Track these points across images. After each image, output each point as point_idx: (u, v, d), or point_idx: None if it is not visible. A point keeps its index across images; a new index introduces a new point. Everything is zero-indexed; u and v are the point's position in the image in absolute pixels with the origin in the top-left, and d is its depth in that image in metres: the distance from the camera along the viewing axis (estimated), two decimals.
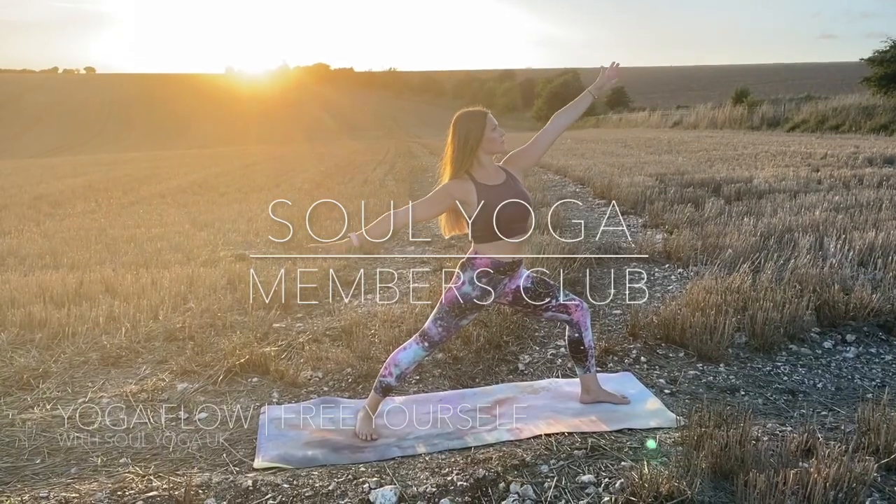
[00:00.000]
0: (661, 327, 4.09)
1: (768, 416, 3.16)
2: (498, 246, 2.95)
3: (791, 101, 30.33)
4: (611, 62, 3.13)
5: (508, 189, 2.93)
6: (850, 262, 5.16)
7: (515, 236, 2.95)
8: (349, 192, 11.46)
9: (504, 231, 2.91)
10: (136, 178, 15.63)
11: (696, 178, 10.41)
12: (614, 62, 3.12)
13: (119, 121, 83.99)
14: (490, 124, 2.89)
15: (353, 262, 6.29)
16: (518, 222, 2.94)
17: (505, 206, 2.88)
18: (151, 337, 4.35)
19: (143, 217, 9.17)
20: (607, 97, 62.89)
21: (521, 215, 2.94)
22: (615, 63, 3.13)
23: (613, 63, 3.13)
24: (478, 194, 2.88)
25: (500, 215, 2.88)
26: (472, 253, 3.03)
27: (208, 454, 2.95)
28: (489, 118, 2.91)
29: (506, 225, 2.90)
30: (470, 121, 2.89)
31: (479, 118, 2.89)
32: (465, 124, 2.89)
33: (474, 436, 3.02)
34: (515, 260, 3.02)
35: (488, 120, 2.90)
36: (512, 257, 2.99)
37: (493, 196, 2.88)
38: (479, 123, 2.88)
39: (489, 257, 2.98)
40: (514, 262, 3.02)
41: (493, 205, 2.87)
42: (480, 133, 2.87)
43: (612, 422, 3.09)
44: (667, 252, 6.05)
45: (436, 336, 3.07)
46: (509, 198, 2.90)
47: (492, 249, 2.97)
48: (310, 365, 3.82)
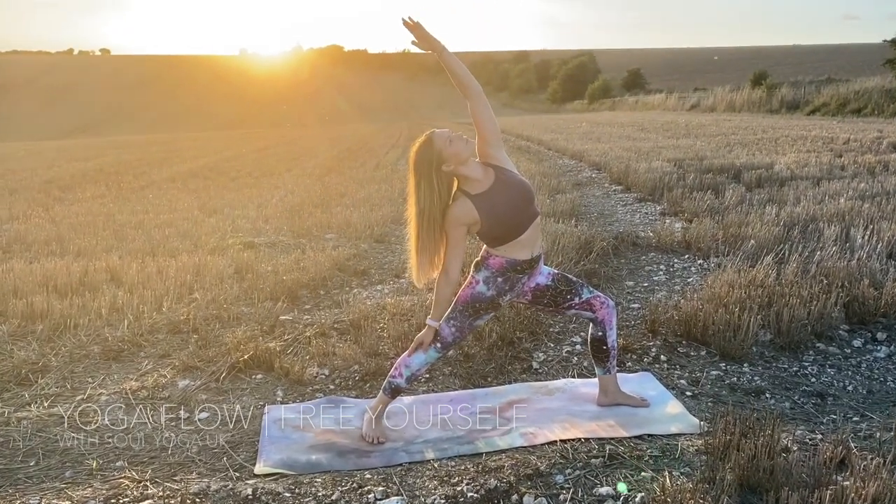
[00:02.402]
0: (681, 324, 3.92)
1: (797, 422, 3.00)
2: (513, 247, 2.79)
3: (811, 83, 29.74)
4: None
5: (502, 186, 2.75)
6: (879, 254, 4.96)
7: (525, 230, 2.79)
8: (361, 177, 11.31)
9: (513, 230, 2.76)
10: (148, 162, 15.55)
11: (715, 163, 10.16)
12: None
13: (134, 102, 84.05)
14: (440, 141, 2.68)
15: (362, 252, 6.15)
16: (523, 213, 2.77)
17: (505, 204, 2.73)
18: (155, 329, 4.24)
19: (152, 202, 9.07)
20: (623, 79, 62.26)
21: (523, 203, 2.77)
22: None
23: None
24: (478, 209, 2.71)
25: (503, 216, 2.73)
26: (486, 253, 2.87)
27: (208, 457, 2.83)
28: (436, 136, 2.70)
29: (512, 223, 2.75)
30: (422, 154, 2.69)
31: (426, 146, 2.69)
32: (420, 161, 2.69)
33: (486, 440, 2.88)
34: (533, 256, 2.86)
35: (436, 138, 2.69)
36: (529, 253, 2.83)
37: (489, 202, 2.72)
38: (429, 150, 2.68)
39: (505, 258, 2.82)
40: (531, 260, 2.85)
41: (493, 211, 2.72)
42: (438, 156, 2.67)
43: (631, 427, 2.94)
44: (686, 242, 5.86)
45: (449, 337, 2.92)
46: (505, 193, 2.74)
47: (506, 250, 2.81)
48: (316, 361, 3.69)
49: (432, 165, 2.68)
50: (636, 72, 63.44)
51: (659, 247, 5.87)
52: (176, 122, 61.23)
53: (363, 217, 7.50)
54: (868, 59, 46.28)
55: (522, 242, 2.79)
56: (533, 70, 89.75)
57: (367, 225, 7.09)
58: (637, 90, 53.59)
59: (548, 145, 16.35)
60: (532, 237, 2.82)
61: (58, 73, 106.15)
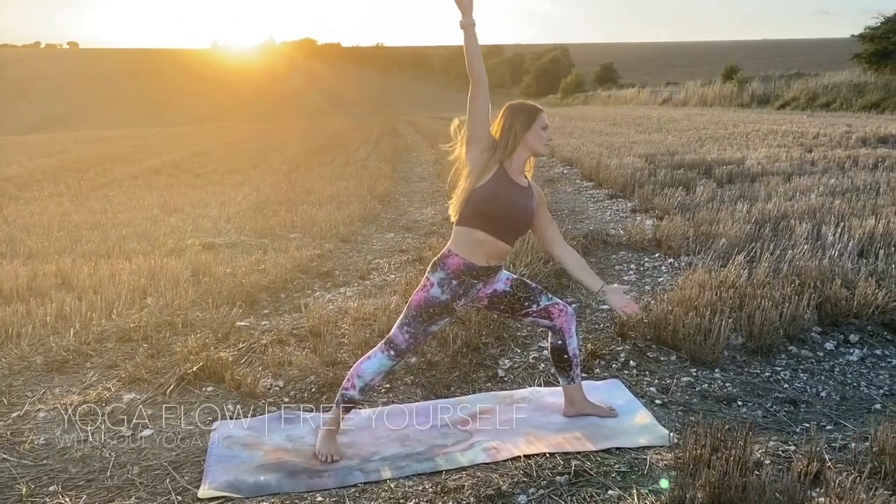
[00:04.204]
0: (651, 327, 3.80)
1: (770, 432, 2.89)
2: (477, 244, 2.65)
3: (781, 77, 29.96)
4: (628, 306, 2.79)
5: (525, 195, 2.69)
6: (850, 252, 4.88)
7: (501, 238, 2.66)
8: (329, 174, 11.08)
9: (494, 223, 2.63)
10: (112, 158, 15.14)
11: (686, 158, 10.10)
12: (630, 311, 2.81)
13: (103, 97, 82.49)
14: (541, 121, 2.66)
15: (327, 252, 5.96)
16: (509, 220, 2.66)
17: (507, 200, 2.63)
18: (103, 338, 4.02)
19: (111, 201, 8.77)
20: (596, 74, 62.39)
21: (517, 221, 2.69)
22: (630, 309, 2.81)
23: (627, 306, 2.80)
24: (495, 174, 2.62)
25: (496, 200, 2.61)
26: (447, 251, 2.72)
27: (149, 479, 2.64)
28: (542, 115, 2.68)
29: (500, 217, 2.63)
30: (520, 110, 2.67)
31: (531, 110, 2.67)
32: (515, 112, 2.67)
33: (447, 457, 2.73)
34: (491, 266, 2.71)
35: (540, 116, 2.67)
36: (487, 262, 2.69)
37: (504, 185, 2.63)
38: (530, 114, 2.65)
39: (463, 259, 2.67)
40: (489, 268, 2.71)
41: (497, 189, 2.61)
42: (529, 123, 2.64)
43: (599, 440, 2.81)
44: (657, 240, 5.75)
45: (403, 344, 2.77)
46: (513, 197, 2.65)
47: (468, 249, 2.66)
48: (270, 372, 3.51)
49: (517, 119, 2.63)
50: (609, 66, 63.62)
51: (630, 245, 5.76)
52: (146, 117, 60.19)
53: (329, 215, 7.30)
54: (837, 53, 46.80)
55: (486, 246, 2.65)
56: (506, 64, 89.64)
57: (333, 224, 6.90)
58: (610, 84, 53.66)
59: None
60: (495, 251, 2.69)
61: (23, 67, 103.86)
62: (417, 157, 14.80)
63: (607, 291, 2.80)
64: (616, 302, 2.80)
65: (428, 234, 6.70)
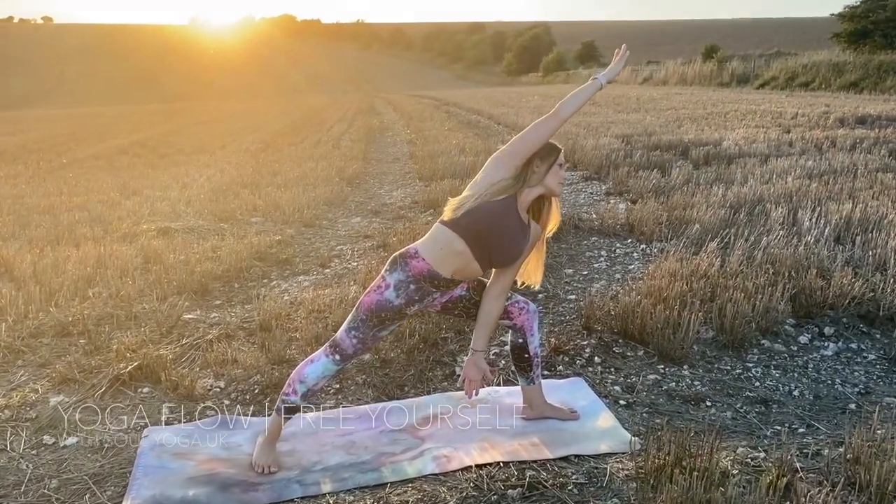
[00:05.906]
0: (618, 320, 3.61)
1: (739, 436, 2.71)
2: (451, 254, 2.45)
3: (761, 56, 29.86)
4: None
5: (523, 232, 2.53)
6: (826, 238, 4.73)
7: (478, 259, 2.47)
8: (299, 154, 10.77)
9: (480, 241, 2.44)
10: (77, 138, 14.72)
11: (663, 139, 9.92)
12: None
13: (77, 73, 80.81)
14: (560, 159, 2.53)
15: (288, 238, 5.72)
16: (496, 253, 2.48)
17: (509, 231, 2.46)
18: (39, 332, 3.77)
19: (68, 182, 8.44)
20: (577, 52, 62.06)
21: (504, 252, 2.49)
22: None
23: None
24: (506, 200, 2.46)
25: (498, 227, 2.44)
26: (412, 251, 2.50)
27: (68, 495, 2.42)
28: (561, 154, 2.54)
29: (491, 240, 2.44)
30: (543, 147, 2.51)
31: (551, 148, 2.52)
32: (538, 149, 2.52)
33: (393, 467, 2.53)
34: (455, 280, 2.52)
35: (559, 154, 2.53)
36: (452, 276, 2.49)
37: (512, 216, 2.47)
38: (550, 153, 2.51)
39: (428, 265, 2.46)
40: (451, 281, 2.51)
41: (504, 218, 2.45)
42: (550, 163, 2.50)
43: (558, 446, 2.62)
44: (630, 225, 5.57)
45: (349, 348, 2.55)
46: (516, 236, 2.49)
47: (439, 255, 2.45)
48: (212, 371, 3.29)
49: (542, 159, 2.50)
50: (590, 44, 63.31)
51: (602, 230, 5.57)
52: (121, 95, 59.06)
53: (294, 198, 7.05)
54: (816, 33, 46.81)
55: (459, 260, 2.46)
56: (488, 42, 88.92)
57: (297, 208, 6.65)
58: (591, 63, 53.37)
59: (497, 120, 15.95)
60: (465, 269, 2.50)
61: None
62: (392, 136, 14.50)
63: (468, 358, 2.65)
64: (465, 371, 2.66)
65: (395, 219, 6.47)
